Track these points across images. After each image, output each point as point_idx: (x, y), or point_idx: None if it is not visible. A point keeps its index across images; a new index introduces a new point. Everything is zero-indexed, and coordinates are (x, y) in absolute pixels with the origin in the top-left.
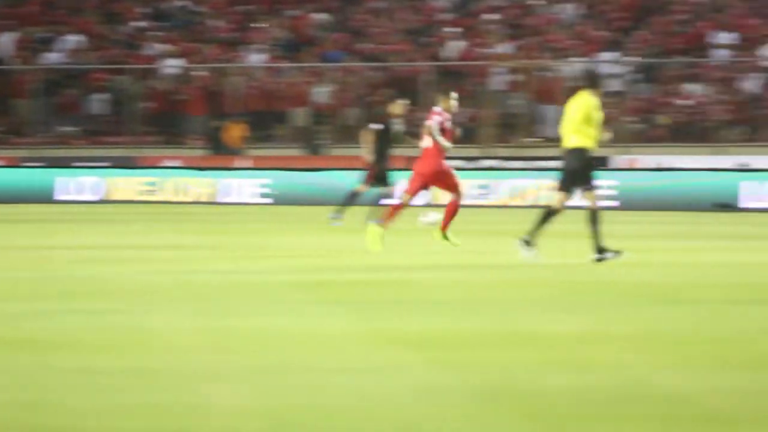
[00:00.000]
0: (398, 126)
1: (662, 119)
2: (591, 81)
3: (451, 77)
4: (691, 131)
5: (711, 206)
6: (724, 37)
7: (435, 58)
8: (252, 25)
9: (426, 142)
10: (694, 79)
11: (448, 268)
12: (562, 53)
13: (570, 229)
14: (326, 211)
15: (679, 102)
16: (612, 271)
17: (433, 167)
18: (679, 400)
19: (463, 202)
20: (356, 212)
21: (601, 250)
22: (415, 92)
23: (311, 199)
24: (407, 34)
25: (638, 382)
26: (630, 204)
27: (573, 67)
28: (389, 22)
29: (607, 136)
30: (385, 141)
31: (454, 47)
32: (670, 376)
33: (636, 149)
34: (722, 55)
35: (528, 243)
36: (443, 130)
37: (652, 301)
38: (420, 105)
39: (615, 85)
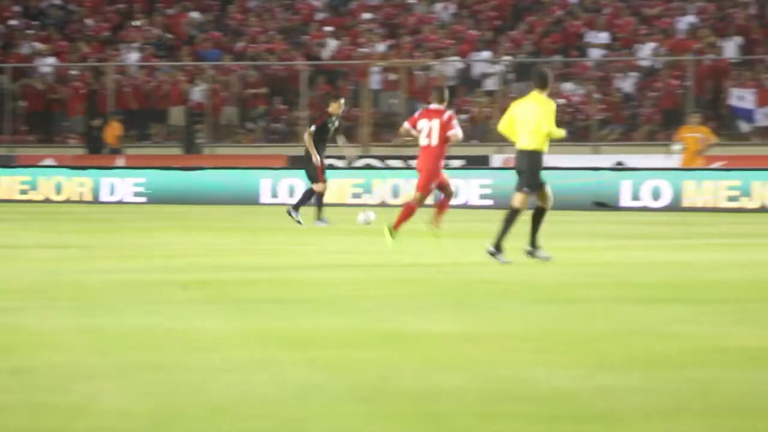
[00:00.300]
0: (335, 124)
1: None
2: (542, 82)
3: (327, 76)
4: (569, 130)
5: (591, 205)
6: (599, 37)
7: (312, 57)
8: (129, 23)
9: (424, 140)
10: (569, 78)
11: (331, 267)
12: (438, 52)
13: (462, 228)
14: (202, 210)
15: (554, 101)
16: (497, 270)
17: (432, 164)
18: (560, 398)
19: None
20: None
21: (498, 248)
22: (293, 92)
23: (187, 198)
24: (283, 34)
25: (519, 381)
26: (506, 203)
27: (449, 66)
28: (265, 21)
29: (562, 133)
30: (322, 139)
31: (330, 46)
32: (551, 374)
33: (512, 148)
34: (597, 54)
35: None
36: (441, 129)
37: (535, 300)
38: (298, 104)
39: (490, 85)
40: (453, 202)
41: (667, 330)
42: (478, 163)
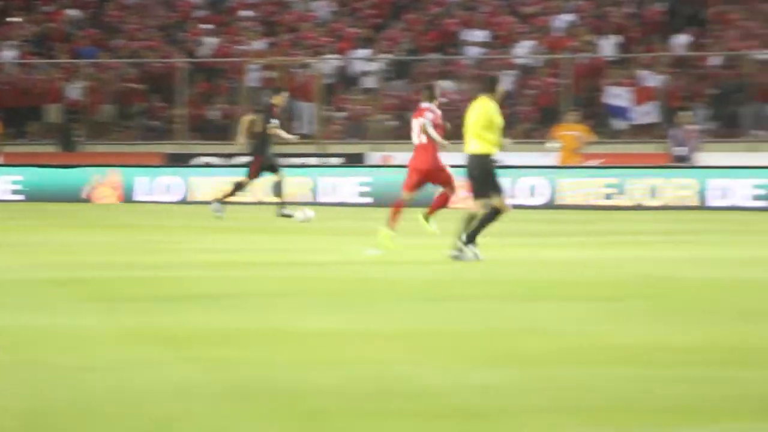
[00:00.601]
0: (278, 118)
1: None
2: (490, 86)
3: (206, 74)
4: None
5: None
6: (477, 35)
7: (190, 54)
8: (6, 20)
9: (418, 137)
10: (447, 76)
11: (211, 265)
12: (316, 50)
13: (341, 226)
14: (79, 207)
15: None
16: (375, 268)
17: (429, 163)
18: (437, 396)
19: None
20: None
21: (468, 243)
22: (171, 89)
23: (64, 196)
24: (162, 31)
25: (397, 379)
26: (384, 200)
27: (327, 64)
28: (143, 18)
29: (508, 141)
30: (267, 131)
31: (209, 44)
32: (429, 372)
33: (390, 146)
34: (475, 52)
35: (467, 244)
36: (435, 126)
37: (413, 298)
38: (175, 102)
39: (369, 83)
40: (332, 199)
41: (543, 327)
42: (356, 161)
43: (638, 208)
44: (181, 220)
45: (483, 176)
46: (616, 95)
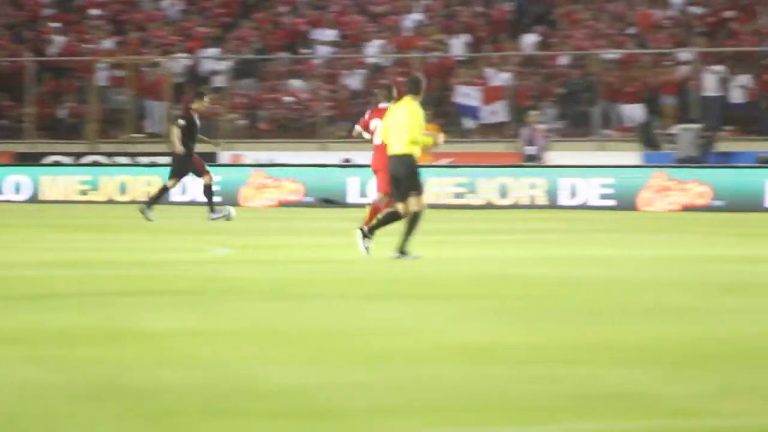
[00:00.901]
0: (200, 120)
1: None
2: (414, 87)
3: (54, 73)
4: (296, 127)
5: (317, 202)
6: (327, 34)
7: (38, 53)
8: None
9: (377, 139)
10: (297, 75)
11: (59, 264)
12: (166, 49)
13: (189, 224)
14: None
15: (282, 98)
16: (225, 267)
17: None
18: (287, 395)
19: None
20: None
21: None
22: (19, 88)
23: None
24: (9, 29)
25: (247, 378)
26: (234, 199)
27: (177, 63)
28: None
29: (441, 139)
30: (192, 134)
31: (57, 42)
32: (279, 371)
33: (241, 145)
34: (325, 51)
35: (403, 252)
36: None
37: (264, 297)
38: (23, 101)
39: (218, 82)
40: (182, 198)
41: (392, 326)
42: (206, 160)
43: (489, 207)
44: (30, 219)
45: (408, 176)
46: (466, 94)
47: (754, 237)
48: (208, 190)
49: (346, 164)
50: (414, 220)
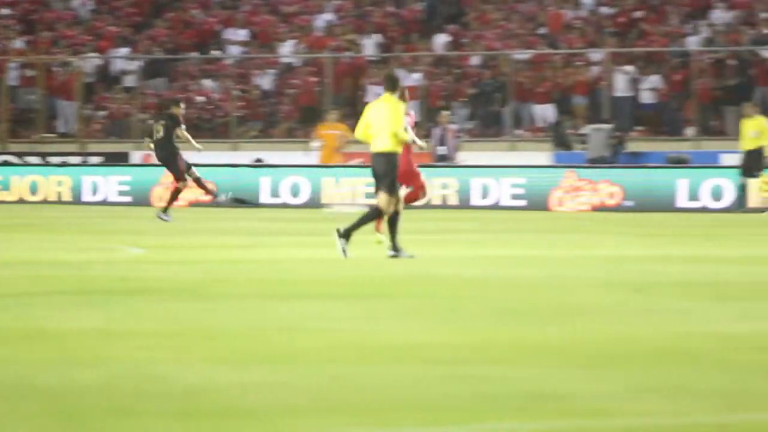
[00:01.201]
0: (178, 125)
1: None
2: (392, 84)
3: None
4: (207, 127)
5: (229, 201)
6: (238, 34)
7: None
8: None
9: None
10: (208, 75)
11: None
12: (76, 49)
13: (100, 225)
14: None
15: (194, 98)
16: (135, 267)
17: (404, 165)
18: (196, 395)
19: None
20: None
21: (396, 249)
22: None
23: None
24: None
25: (157, 378)
26: (145, 200)
27: (88, 62)
28: None
29: (424, 144)
30: (170, 139)
31: None
32: (189, 371)
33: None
34: (236, 51)
35: (345, 237)
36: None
37: (173, 297)
38: None
39: (129, 81)
40: (93, 198)
41: (305, 326)
42: (118, 159)
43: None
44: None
45: (388, 173)
46: (377, 94)
47: (663, 237)
48: (176, 193)
49: (258, 164)
50: (395, 218)
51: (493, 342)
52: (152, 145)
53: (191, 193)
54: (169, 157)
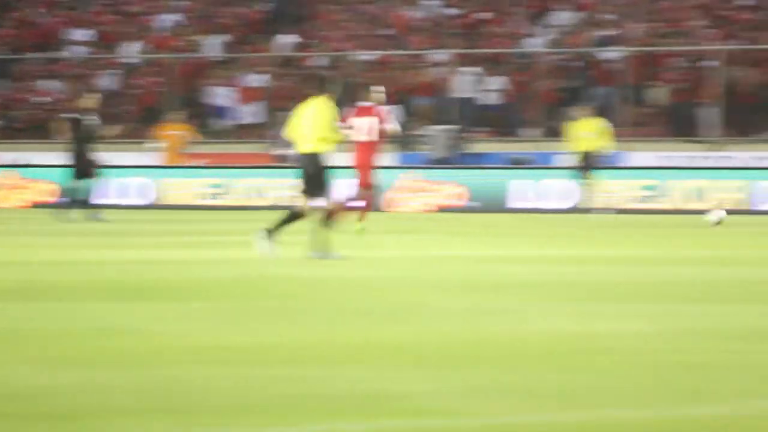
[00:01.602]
0: (92, 119)
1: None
2: (321, 85)
3: None
4: (47, 128)
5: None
6: (81, 34)
7: None
8: None
9: (357, 135)
10: (51, 75)
11: None
12: None
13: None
14: None
15: (35, 99)
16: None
17: (372, 160)
18: (26, 397)
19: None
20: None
21: (269, 238)
22: None
23: None
24: None
25: None
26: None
27: None
28: None
29: (341, 136)
30: (81, 134)
31: None
32: (17, 373)
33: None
34: (79, 51)
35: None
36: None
37: (10, 297)
38: None
39: None
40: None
41: (132, 327)
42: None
43: (244, 208)
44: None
45: (314, 174)
46: (220, 95)
47: (500, 237)
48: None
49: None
50: (297, 216)
51: (330, 342)
52: None
53: (33, 193)
54: (79, 151)
